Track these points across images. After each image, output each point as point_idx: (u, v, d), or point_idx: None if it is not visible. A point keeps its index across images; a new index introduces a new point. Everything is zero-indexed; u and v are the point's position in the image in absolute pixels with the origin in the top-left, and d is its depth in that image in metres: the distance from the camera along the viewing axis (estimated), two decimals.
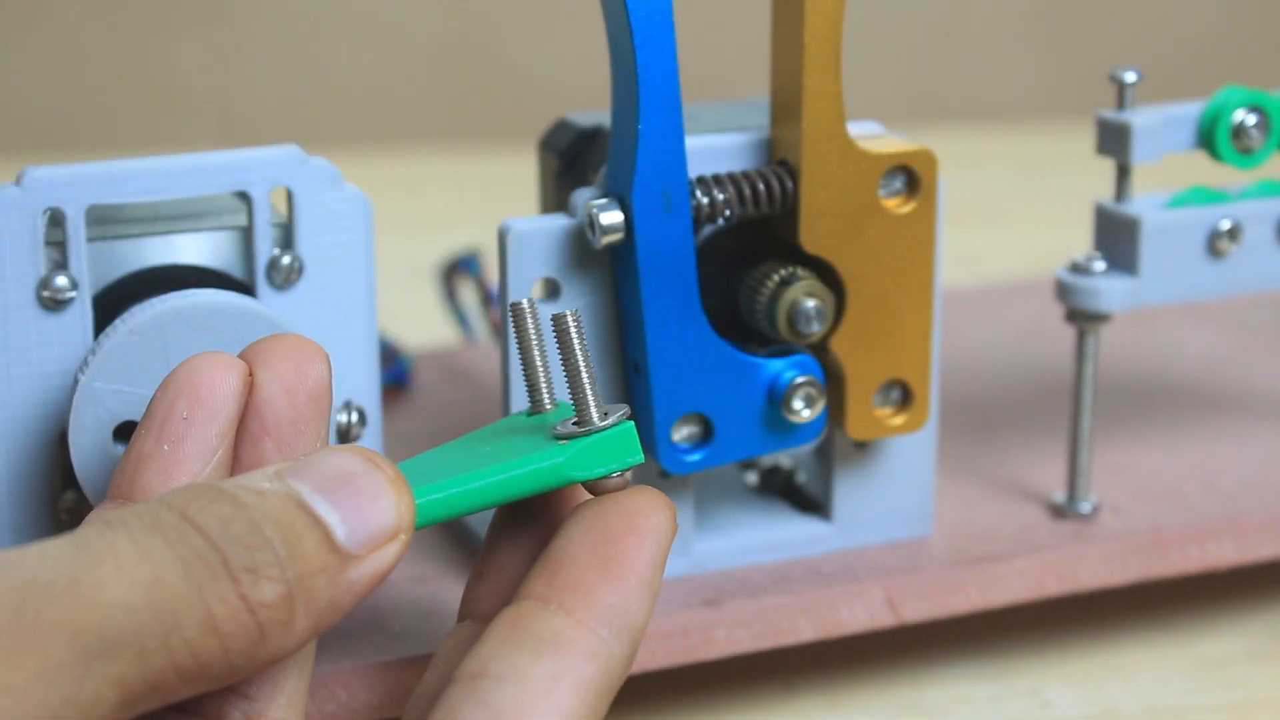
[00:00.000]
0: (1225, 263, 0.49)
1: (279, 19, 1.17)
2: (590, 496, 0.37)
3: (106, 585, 0.31)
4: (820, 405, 0.45)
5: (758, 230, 0.46)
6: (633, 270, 0.43)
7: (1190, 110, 0.49)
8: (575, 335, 0.37)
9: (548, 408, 0.39)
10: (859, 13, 0.58)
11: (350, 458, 0.34)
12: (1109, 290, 0.49)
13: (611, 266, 0.44)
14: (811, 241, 0.45)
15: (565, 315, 0.37)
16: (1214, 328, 0.66)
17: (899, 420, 0.47)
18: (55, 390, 0.42)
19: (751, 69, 0.98)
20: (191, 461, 0.36)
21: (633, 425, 0.37)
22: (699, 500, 0.48)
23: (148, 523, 0.32)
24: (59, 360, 0.42)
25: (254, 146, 0.43)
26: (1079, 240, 0.55)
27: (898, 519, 0.49)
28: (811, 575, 0.47)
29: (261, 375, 0.37)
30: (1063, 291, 0.49)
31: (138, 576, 0.31)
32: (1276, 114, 0.49)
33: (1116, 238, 0.49)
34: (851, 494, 0.48)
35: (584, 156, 0.47)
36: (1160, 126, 0.48)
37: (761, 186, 0.44)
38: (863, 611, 0.47)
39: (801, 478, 0.50)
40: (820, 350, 0.46)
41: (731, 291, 0.46)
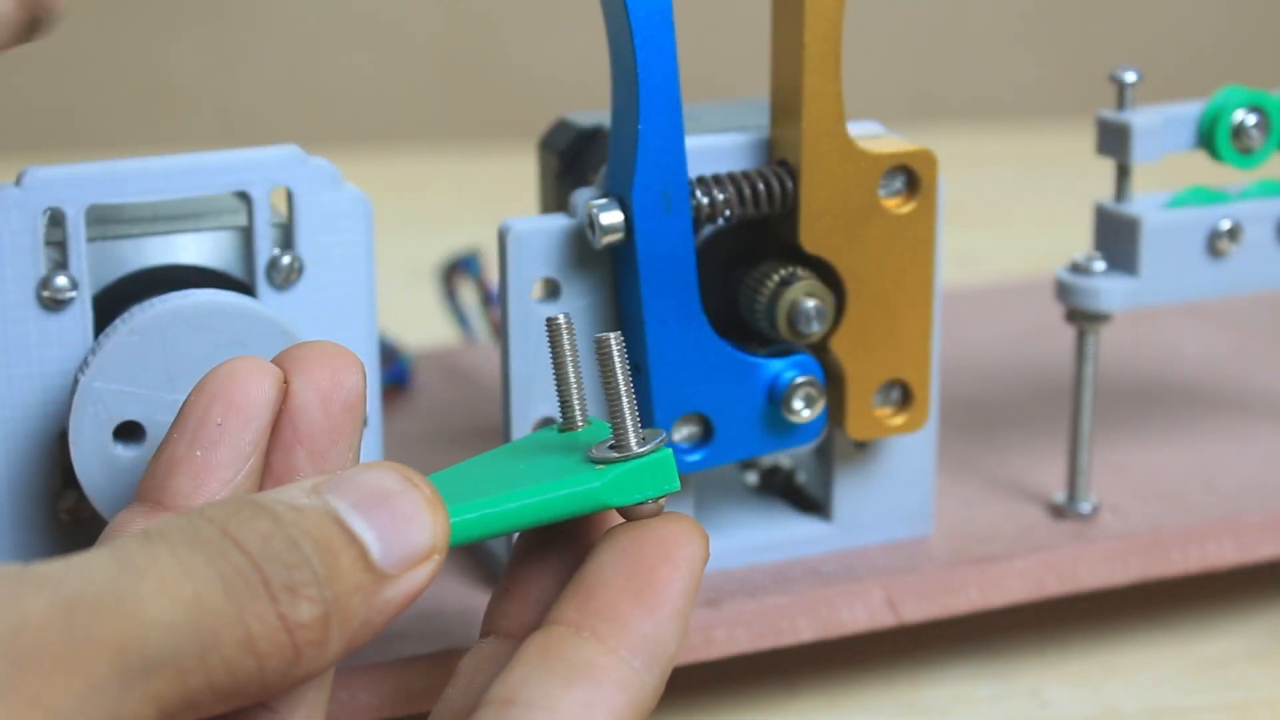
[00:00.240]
0: (1225, 263, 0.49)
1: (279, 19, 1.16)
2: (621, 520, 0.37)
3: (149, 603, 0.30)
4: (820, 405, 0.45)
5: (758, 230, 0.46)
6: (633, 270, 0.43)
7: (1190, 110, 0.49)
8: (618, 358, 0.36)
9: (580, 425, 0.38)
10: (859, 13, 0.58)
11: (388, 474, 0.34)
12: (1109, 290, 0.49)
13: (611, 266, 0.44)
14: (811, 241, 0.45)
15: (608, 338, 0.37)
16: (1214, 328, 0.66)
17: (899, 420, 0.47)
18: (55, 390, 0.42)
19: (751, 69, 0.98)
20: (224, 469, 0.36)
21: (671, 453, 0.36)
22: (699, 500, 0.48)
23: (189, 538, 0.31)
24: (59, 360, 0.42)
25: (254, 146, 0.43)
26: (1079, 240, 0.55)
27: (898, 519, 0.49)
28: (811, 575, 0.47)
29: (297, 383, 0.37)
30: (1063, 291, 0.49)
31: (179, 594, 0.31)
32: (1276, 114, 0.49)
33: (1116, 238, 0.49)
34: (851, 494, 0.48)
35: (584, 156, 0.47)
36: (1160, 126, 0.48)
37: (761, 186, 0.44)
38: (863, 611, 0.47)
39: (801, 478, 0.50)
40: (820, 350, 0.46)
41: (731, 291, 0.46)
